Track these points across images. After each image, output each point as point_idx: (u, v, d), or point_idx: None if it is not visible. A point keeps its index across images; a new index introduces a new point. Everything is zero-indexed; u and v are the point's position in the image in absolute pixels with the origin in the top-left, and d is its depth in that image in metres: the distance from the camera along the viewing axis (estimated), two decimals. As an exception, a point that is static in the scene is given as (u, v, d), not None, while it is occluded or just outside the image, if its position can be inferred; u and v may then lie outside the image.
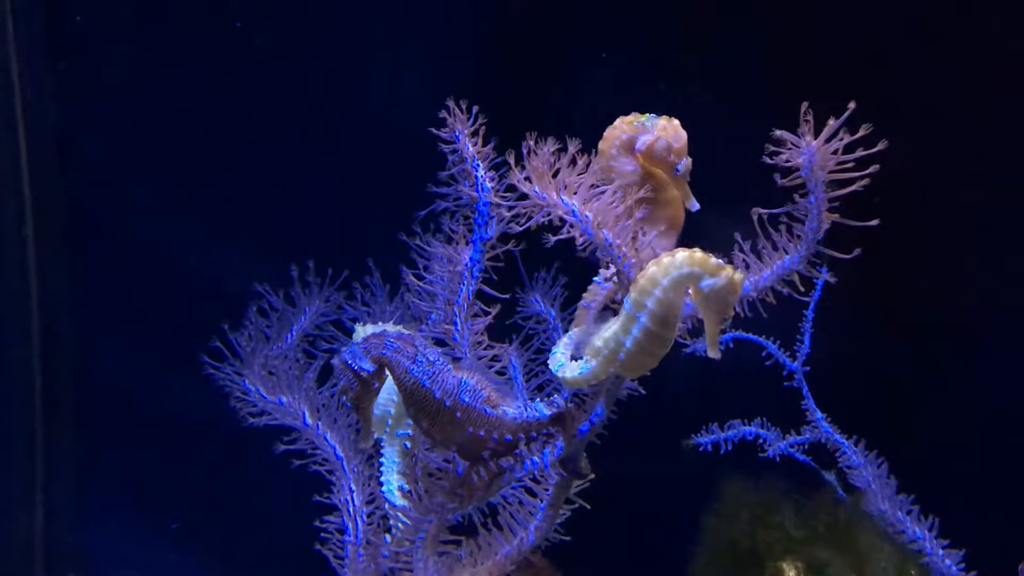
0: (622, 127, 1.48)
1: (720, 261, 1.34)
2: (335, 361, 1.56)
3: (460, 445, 1.53)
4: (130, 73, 2.39)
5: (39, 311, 2.43)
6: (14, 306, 2.42)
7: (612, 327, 1.42)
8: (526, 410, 1.55)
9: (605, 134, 1.49)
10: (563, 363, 1.50)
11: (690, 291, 1.36)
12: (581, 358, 1.47)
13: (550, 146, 1.47)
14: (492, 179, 1.66)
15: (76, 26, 2.39)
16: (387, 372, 1.55)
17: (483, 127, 1.64)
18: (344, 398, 1.55)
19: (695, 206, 1.49)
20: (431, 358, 1.54)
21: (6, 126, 2.36)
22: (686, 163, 1.48)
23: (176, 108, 2.40)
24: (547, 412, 1.55)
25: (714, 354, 1.38)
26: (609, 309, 1.56)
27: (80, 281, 2.49)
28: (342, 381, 1.54)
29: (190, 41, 2.38)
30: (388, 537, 1.77)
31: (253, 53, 2.38)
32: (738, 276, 1.34)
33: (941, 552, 1.85)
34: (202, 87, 2.38)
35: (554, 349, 1.54)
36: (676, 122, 1.48)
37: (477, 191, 1.67)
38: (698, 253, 1.35)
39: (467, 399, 1.52)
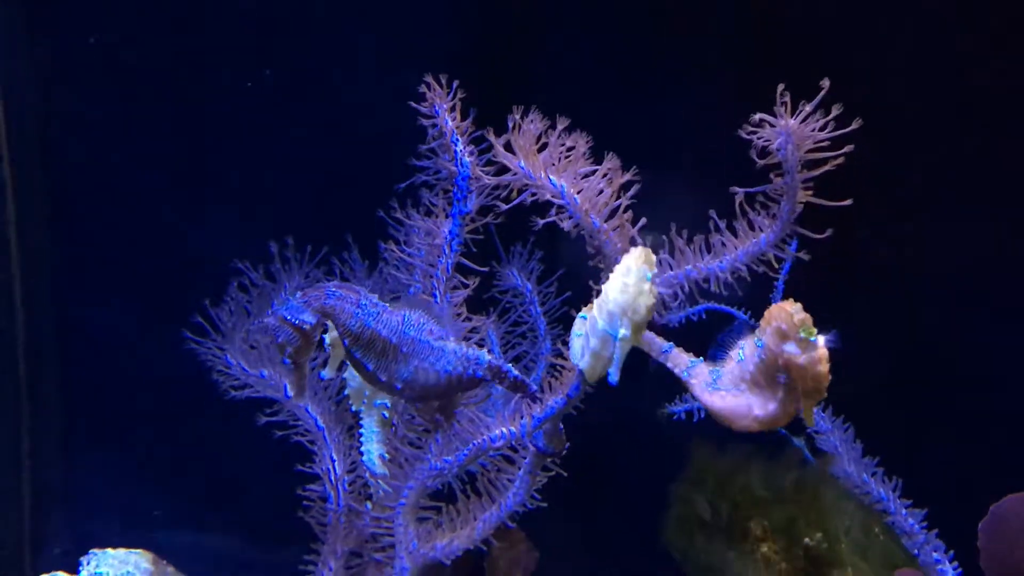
0: (792, 328, 1.33)
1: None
2: (270, 320, 1.58)
3: (406, 383, 1.57)
4: (112, 44, 2.35)
5: (22, 280, 2.42)
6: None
7: None
8: (466, 347, 1.59)
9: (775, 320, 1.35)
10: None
11: None
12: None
13: (537, 123, 1.49)
14: (471, 153, 1.68)
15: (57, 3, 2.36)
16: (328, 323, 1.58)
17: (462, 101, 1.66)
18: (285, 354, 1.57)
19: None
20: (373, 300, 1.58)
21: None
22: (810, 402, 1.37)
23: (158, 78, 2.36)
24: (487, 357, 1.60)
25: None
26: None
27: (62, 245, 2.47)
28: (281, 337, 1.56)
29: (173, 10, 2.34)
30: (369, 504, 1.81)
31: (232, 28, 2.35)
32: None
33: (904, 511, 1.91)
34: (184, 59, 2.35)
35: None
36: (824, 370, 1.33)
37: (457, 165, 1.69)
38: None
39: (412, 333, 1.56)
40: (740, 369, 1.43)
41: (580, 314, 1.52)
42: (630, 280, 1.36)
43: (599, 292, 1.44)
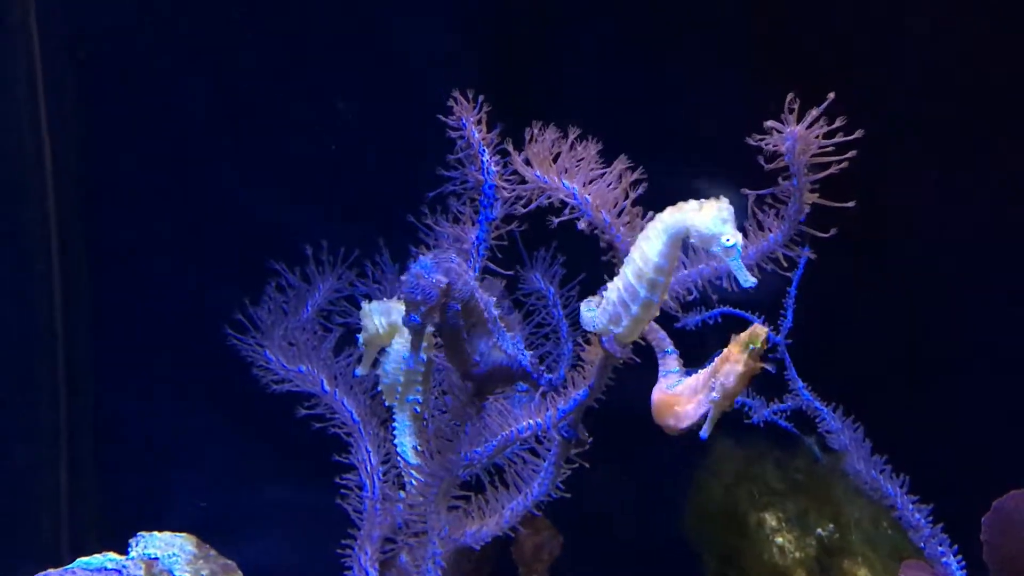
0: (747, 336, 1.51)
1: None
2: (407, 277, 1.55)
3: (482, 356, 1.69)
4: (151, 38, 2.44)
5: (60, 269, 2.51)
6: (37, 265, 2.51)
7: None
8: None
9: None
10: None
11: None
12: None
13: (551, 133, 1.59)
14: (497, 163, 1.78)
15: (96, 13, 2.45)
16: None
17: (488, 114, 1.76)
18: (418, 312, 1.54)
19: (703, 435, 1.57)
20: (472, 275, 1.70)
21: (31, 120, 2.43)
22: (718, 399, 1.53)
23: (191, 79, 2.45)
24: (529, 354, 1.73)
25: None
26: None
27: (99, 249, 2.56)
28: (419, 294, 1.53)
29: (213, 10, 2.43)
30: (402, 493, 1.91)
31: (262, 32, 2.44)
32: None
33: (911, 507, 1.97)
34: (215, 62, 2.42)
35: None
36: (743, 371, 1.49)
37: (483, 175, 1.79)
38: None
39: (495, 311, 1.70)
40: (693, 378, 1.57)
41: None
42: (683, 214, 1.41)
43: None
